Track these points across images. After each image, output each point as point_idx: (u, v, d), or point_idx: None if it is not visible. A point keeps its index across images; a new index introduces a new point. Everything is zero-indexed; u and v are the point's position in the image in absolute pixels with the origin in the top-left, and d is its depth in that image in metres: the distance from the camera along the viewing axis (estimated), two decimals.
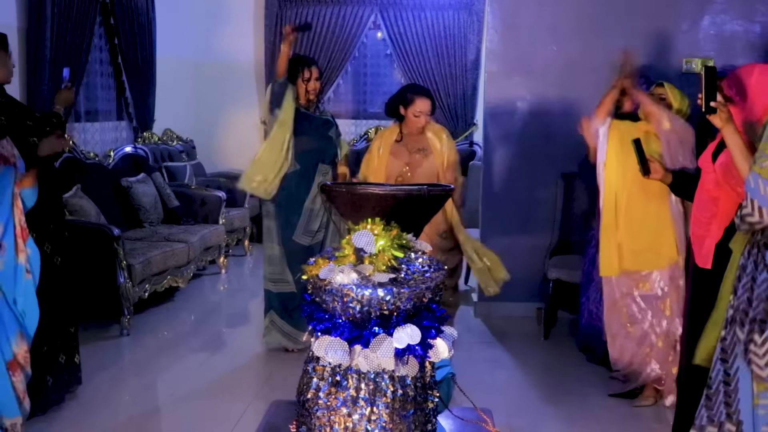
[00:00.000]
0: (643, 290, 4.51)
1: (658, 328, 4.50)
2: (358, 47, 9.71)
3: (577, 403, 4.59)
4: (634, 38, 5.90)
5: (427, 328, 2.54)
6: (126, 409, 4.46)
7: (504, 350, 5.56)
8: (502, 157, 6.24)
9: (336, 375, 2.54)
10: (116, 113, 8.17)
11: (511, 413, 4.29)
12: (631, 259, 4.52)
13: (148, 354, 5.38)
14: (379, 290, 2.46)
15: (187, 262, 6.71)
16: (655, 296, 4.49)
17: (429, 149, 4.73)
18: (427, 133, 4.75)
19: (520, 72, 6.16)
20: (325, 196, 2.84)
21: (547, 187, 6.08)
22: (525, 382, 4.97)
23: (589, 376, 4.99)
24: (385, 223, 2.59)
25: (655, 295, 4.49)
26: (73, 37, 6.52)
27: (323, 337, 2.53)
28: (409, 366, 2.52)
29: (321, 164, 5.16)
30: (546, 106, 6.13)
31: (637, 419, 4.40)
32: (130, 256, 5.87)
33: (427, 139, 4.75)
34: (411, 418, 2.55)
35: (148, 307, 6.31)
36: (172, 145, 8.98)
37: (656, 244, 4.47)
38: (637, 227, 4.49)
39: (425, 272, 2.59)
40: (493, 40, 6.21)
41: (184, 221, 7.43)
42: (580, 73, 5.99)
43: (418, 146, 4.76)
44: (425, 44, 9.44)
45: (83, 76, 6.91)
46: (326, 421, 2.54)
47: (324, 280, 2.52)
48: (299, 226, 5.15)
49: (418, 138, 4.77)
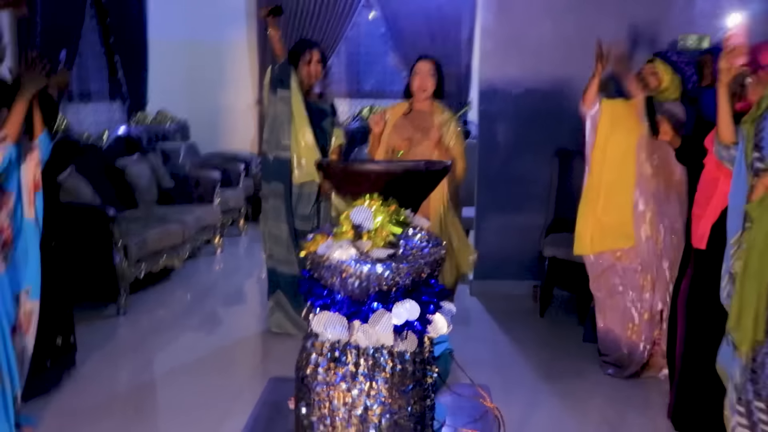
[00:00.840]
0: (624, 263, 4.58)
1: (638, 303, 4.58)
2: (351, 26, 9.67)
3: (573, 380, 4.62)
4: (629, 14, 5.89)
5: (425, 304, 2.54)
6: (123, 388, 4.48)
7: (500, 328, 5.58)
8: (496, 135, 6.24)
9: (335, 350, 2.54)
10: (109, 94, 8.14)
11: (508, 390, 4.32)
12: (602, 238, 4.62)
13: (145, 333, 5.39)
14: (378, 266, 2.46)
15: (183, 242, 6.71)
16: (634, 270, 4.59)
17: (432, 131, 4.61)
18: (434, 116, 4.68)
19: (514, 50, 6.14)
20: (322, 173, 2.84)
21: (542, 165, 6.08)
22: (521, 360, 5.00)
23: (585, 353, 5.01)
24: (383, 199, 2.58)
25: (634, 268, 4.58)
26: (65, 17, 6.47)
27: (322, 312, 2.53)
28: (407, 341, 2.53)
29: None
30: (540, 84, 6.12)
31: (632, 394, 4.43)
32: (126, 236, 5.86)
33: (432, 121, 4.64)
34: (410, 393, 2.56)
35: (144, 287, 6.30)
36: (166, 125, 8.95)
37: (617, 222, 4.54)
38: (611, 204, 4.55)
39: (423, 248, 2.59)
40: (487, 18, 6.19)
41: (179, 201, 7.42)
42: (574, 51, 5.96)
43: (422, 125, 4.64)
44: (418, 23, 9.40)
45: (75, 56, 6.86)
46: (325, 396, 2.55)
47: (322, 256, 2.52)
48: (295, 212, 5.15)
49: (424, 116, 4.66)
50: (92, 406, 4.16)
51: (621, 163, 4.54)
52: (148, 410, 4.26)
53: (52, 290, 4.15)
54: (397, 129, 4.66)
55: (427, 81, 4.63)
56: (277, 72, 5.06)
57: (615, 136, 4.56)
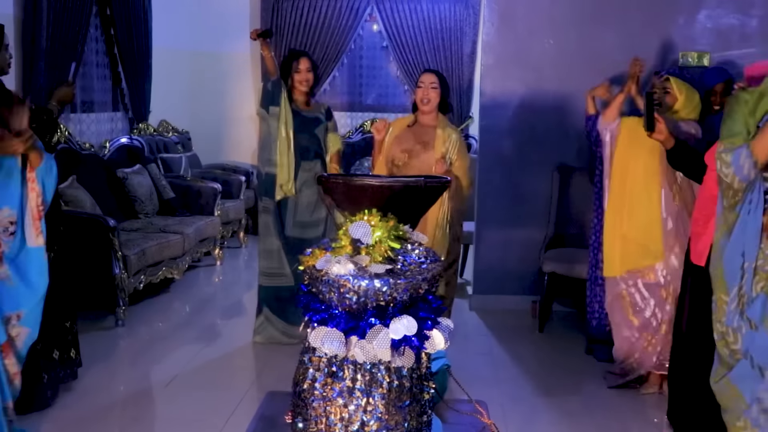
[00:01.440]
0: (646, 279, 4.57)
1: (659, 314, 4.58)
2: (354, 39, 9.69)
3: (572, 396, 4.61)
4: (631, 31, 5.92)
5: (423, 320, 2.55)
6: (121, 399, 4.46)
7: (499, 343, 5.57)
8: (497, 149, 6.24)
9: (332, 366, 2.54)
10: (112, 104, 8.15)
11: (506, 405, 4.31)
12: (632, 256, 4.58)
13: (143, 345, 5.38)
14: (376, 281, 2.46)
15: (183, 254, 6.71)
16: (657, 284, 4.58)
17: (431, 144, 4.61)
18: (438, 129, 4.68)
19: (516, 64, 6.16)
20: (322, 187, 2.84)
21: (542, 180, 6.08)
22: (520, 375, 4.98)
23: (584, 369, 5.00)
24: (381, 215, 2.58)
25: (658, 283, 4.57)
26: (69, 27, 6.49)
27: (319, 327, 2.53)
28: (405, 357, 2.53)
29: (303, 161, 5.16)
30: (542, 99, 6.13)
31: (631, 410, 4.42)
32: (126, 247, 5.86)
33: (435, 134, 4.64)
34: (407, 409, 2.56)
35: (144, 299, 6.30)
36: (168, 136, 8.96)
37: (645, 239, 4.54)
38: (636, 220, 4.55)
39: (422, 263, 2.59)
40: (489, 32, 6.21)
41: (180, 212, 7.42)
42: (576, 66, 5.99)
43: (423, 138, 4.65)
44: (421, 37, 9.42)
45: (79, 66, 6.88)
46: (322, 411, 2.55)
47: (321, 271, 2.52)
48: (288, 220, 5.19)
49: (426, 130, 4.67)
50: (90, 418, 4.15)
51: (644, 181, 4.53)
52: (145, 422, 4.24)
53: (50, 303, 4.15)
54: (398, 140, 4.69)
55: (430, 93, 4.64)
56: (269, 89, 5.12)
57: (635, 154, 4.55)
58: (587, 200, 5.35)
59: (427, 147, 4.62)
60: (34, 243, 3.60)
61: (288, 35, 9.29)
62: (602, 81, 5.09)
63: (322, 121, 5.28)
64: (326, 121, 5.31)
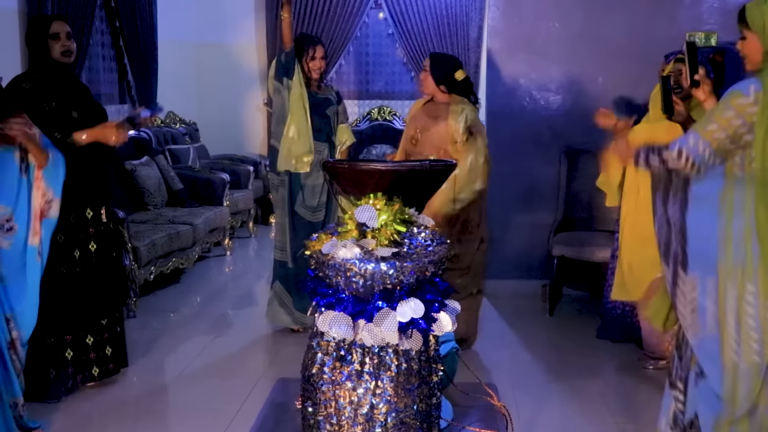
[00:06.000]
0: None
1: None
2: (359, 27, 9.68)
3: (582, 379, 4.61)
4: (637, 13, 5.89)
5: (430, 302, 2.54)
6: (133, 390, 4.48)
7: (509, 327, 5.57)
8: (505, 134, 6.22)
9: (340, 350, 2.54)
10: (119, 97, 8.17)
11: (516, 389, 4.31)
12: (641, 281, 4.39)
13: (155, 335, 5.40)
14: (382, 264, 2.46)
15: (192, 244, 6.73)
16: None
17: (442, 117, 4.72)
18: (450, 105, 4.75)
19: (522, 49, 6.14)
20: (327, 173, 2.84)
21: (550, 164, 6.07)
22: (530, 359, 4.99)
23: (595, 352, 5.00)
24: (387, 198, 2.58)
25: None
26: (74, 20, 6.50)
27: (327, 311, 2.53)
28: (413, 340, 2.52)
29: (315, 141, 5.14)
30: (548, 83, 6.11)
31: (642, 394, 4.42)
32: (136, 238, 5.88)
33: (446, 109, 4.75)
34: (416, 392, 2.56)
35: (154, 290, 6.33)
36: (176, 127, 8.98)
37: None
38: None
39: (428, 246, 2.59)
40: (495, 17, 6.19)
41: (189, 203, 7.44)
42: (582, 49, 5.97)
43: (435, 113, 4.78)
44: (427, 24, 9.41)
45: (85, 59, 6.89)
46: (331, 395, 2.55)
47: (327, 255, 2.52)
48: (298, 199, 5.17)
49: (439, 106, 4.80)
50: (102, 408, 4.18)
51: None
52: (158, 412, 4.27)
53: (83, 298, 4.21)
54: (414, 119, 4.91)
55: (424, 77, 4.83)
56: (283, 61, 5.08)
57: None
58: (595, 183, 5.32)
59: (438, 120, 4.75)
60: (30, 242, 3.61)
61: (294, 24, 9.23)
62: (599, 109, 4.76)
63: (333, 103, 5.28)
64: (336, 104, 5.31)
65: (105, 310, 4.35)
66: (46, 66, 4.09)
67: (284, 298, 5.25)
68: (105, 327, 4.36)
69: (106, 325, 4.36)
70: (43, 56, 4.08)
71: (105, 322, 4.35)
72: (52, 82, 4.06)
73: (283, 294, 5.25)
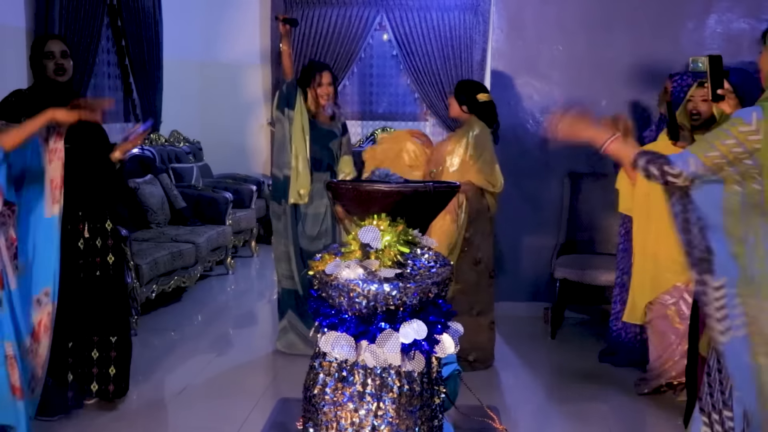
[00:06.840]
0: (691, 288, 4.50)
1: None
2: (364, 48, 9.73)
3: (584, 403, 4.58)
4: (640, 37, 5.91)
5: (433, 324, 2.54)
6: (134, 408, 4.47)
7: (511, 349, 5.55)
8: (508, 156, 6.22)
9: (342, 370, 2.54)
10: (123, 115, 8.20)
11: (518, 412, 4.30)
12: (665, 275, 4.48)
13: (156, 354, 5.38)
14: (386, 285, 2.46)
15: (195, 263, 6.73)
16: None
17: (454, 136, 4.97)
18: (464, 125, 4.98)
19: (525, 72, 6.16)
20: (331, 193, 2.85)
21: (553, 186, 6.08)
22: (532, 382, 4.97)
23: (597, 375, 4.98)
24: (391, 219, 2.59)
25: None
26: (81, 38, 6.53)
27: (330, 332, 2.54)
28: (415, 361, 2.52)
29: (315, 172, 5.14)
30: (552, 105, 6.12)
31: (644, 417, 4.40)
32: (138, 256, 5.89)
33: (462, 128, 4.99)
34: (417, 414, 2.56)
35: (156, 308, 6.32)
36: (179, 146, 9.00)
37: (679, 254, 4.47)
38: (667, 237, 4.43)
39: (431, 267, 2.59)
40: (499, 39, 6.21)
41: (191, 222, 7.44)
42: (585, 72, 5.99)
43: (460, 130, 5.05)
44: (431, 45, 9.44)
45: (90, 77, 6.92)
46: (333, 416, 2.55)
47: (330, 276, 2.53)
48: (299, 227, 5.16)
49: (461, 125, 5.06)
50: (102, 427, 4.16)
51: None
52: (158, 431, 4.25)
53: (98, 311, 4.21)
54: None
55: (450, 101, 5.14)
56: (284, 91, 5.10)
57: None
58: (598, 206, 5.34)
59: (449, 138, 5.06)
60: (49, 213, 3.62)
61: (298, 45, 9.30)
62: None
63: (337, 136, 5.26)
64: (341, 136, 5.29)
65: (109, 323, 4.33)
66: (43, 84, 4.14)
67: (300, 327, 5.18)
68: (113, 345, 4.34)
69: (114, 344, 4.34)
70: (40, 74, 4.15)
71: (114, 339, 4.33)
72: (43, 98, 4.06)
73: (298, 323, 5.19)
